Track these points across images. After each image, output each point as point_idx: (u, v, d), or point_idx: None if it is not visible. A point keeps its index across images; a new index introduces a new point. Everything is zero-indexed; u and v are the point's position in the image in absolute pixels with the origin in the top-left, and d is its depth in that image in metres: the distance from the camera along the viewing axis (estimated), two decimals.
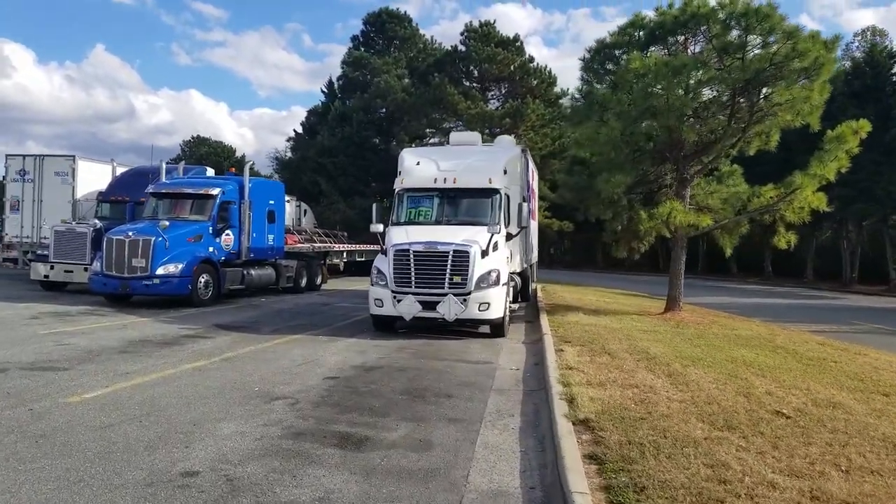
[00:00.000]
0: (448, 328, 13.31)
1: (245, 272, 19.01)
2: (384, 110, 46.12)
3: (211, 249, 17.63)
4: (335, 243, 29.82)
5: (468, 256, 12.19)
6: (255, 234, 19.37)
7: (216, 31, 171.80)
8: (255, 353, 10.24)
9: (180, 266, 16.39)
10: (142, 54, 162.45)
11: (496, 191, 13.74)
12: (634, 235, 18.49)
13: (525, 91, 39.01)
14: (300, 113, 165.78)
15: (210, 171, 23.04)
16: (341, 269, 29.18)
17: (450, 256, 12.21)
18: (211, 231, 17.71)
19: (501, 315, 12.67)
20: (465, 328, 13.22)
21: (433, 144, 39.06)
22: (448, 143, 16.51)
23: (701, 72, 14.32)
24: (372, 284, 12.80)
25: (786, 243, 17.22)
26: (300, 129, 53.95)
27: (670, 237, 19.16)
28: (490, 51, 38.47)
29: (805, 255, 48.85)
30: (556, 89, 40.90)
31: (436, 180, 13.79)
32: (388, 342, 11.81)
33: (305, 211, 35.40)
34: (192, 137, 77.61)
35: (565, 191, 16.95)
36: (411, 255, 12.31)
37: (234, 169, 21.63)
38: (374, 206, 14.30)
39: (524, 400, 7.70)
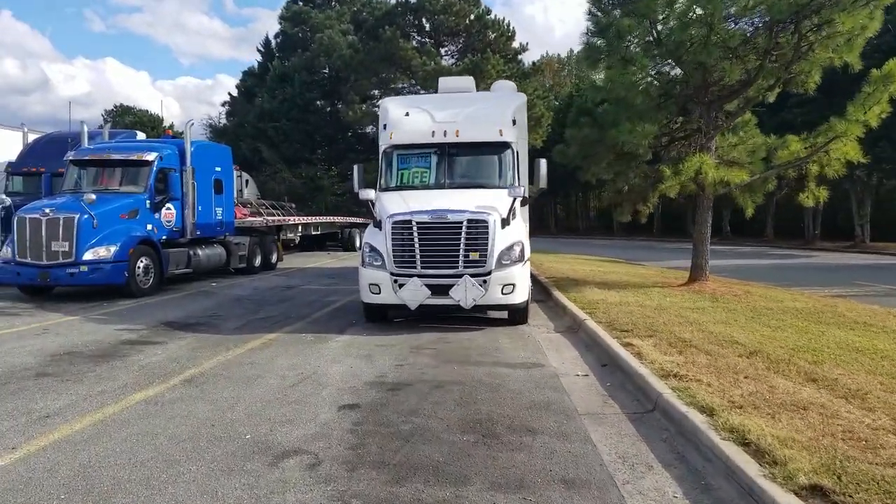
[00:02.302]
0: (452, 315, 10.92)
1: (191, 252, 16.08)
2: (327, 70, 42.67)
3: (150, 227, 14.65)
4: (286, 216, 26.87)
5: (487, 227, 9.71)
6: (200, 208, 16.40)
7: None
8: (228, 367, 7.57)
9: (113, 249, 13.39)
10: (53, 21, 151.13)
11: (507, 145, 11.26)
12: (640, 196, 16.34)
13: (483, 45, 36.30)
14: (227, 81, 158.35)
15: (141, 136, 19.77)
16: (295, 243, 26.28)
17: (464, 228, 9.69)
18: (148, 205, 14.70)
19: (526, 298, 10.31)
20: (472, 314, 10.81)
21: None
22: (437, 91, 13.77)
23: None
24: (363, 265, 10.19)
25: (814, 200, 15.37)
26: (235, 93, 49.86)
27: (674, 198, 17.26)
28: (445, 0, 35.48)
29: (764, 214, 48.37)
30: (515, 44, 38.34)
31: (433, 134, 11.18)
32: (393, 338, 9.28)
33: (247, 181, 32.00)
34: (115, 106, 71.69)
35: (572, 144, 14.52)
36: (415, 228, 9.74)
37: (170, 131, 18.45)
38: (356, 168, 11.60)
39: (642, 433, 5.33)
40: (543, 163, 11.17)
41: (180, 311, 12.05)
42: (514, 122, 11.53)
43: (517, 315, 10.44)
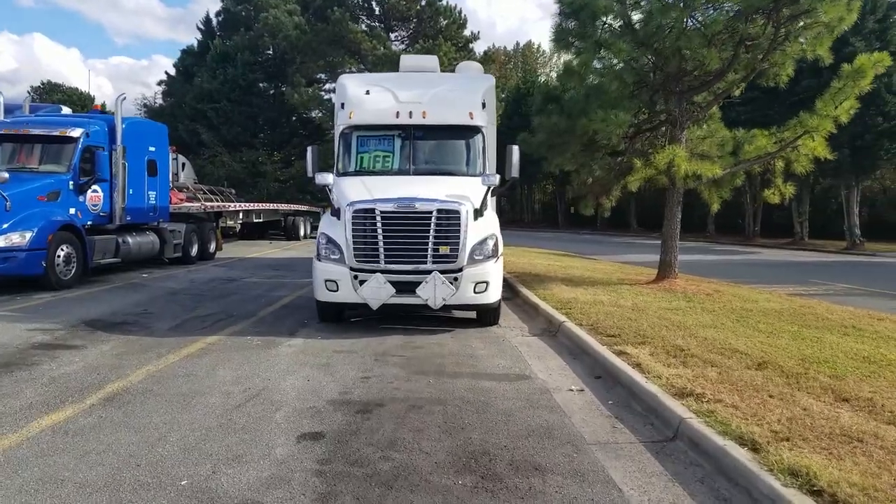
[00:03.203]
0: (415, 314, 9.91)
1: (120, 240, 14.56)
2: (272, 51, 40.82)
3: (73, 211, 13.10)
4: (226, 202, 25.29)
5: (459, 218, 8.71)
6: (131, 191, 14.89)
7: None
8: (159, 381, 6.35)
9: (29, 235, 11.84)
10: None
11: (477, 129, 10.31)
12: (604, 189, 15.62)
13: (434, 32, 35.19)
14: (163, 62, 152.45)
15: (66, 111, 17.96)
16: (236, 231, 24.75)
17: (433, 218, 8.67)
18: (72, 186, 13.15)
19: (499, 297, 9.38)
20: (437, 313, 9.76)
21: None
22: (399, 69, 12.64)
23: None
24: (319, 259, 9.05)
25: (780, 197, 14.97)
26: (172, 72, 47.31)
27: (634, 191, 16.75)
28: None
29: (705, 209, 49.01)
30: (466, 32, 37.34)
31: (398, 114, 10.11)
32: (353, 343, 8.20)
33: (184, 164, 30.12)
34: (43, 83, 67.60)
35: (539, 132, 13.63)
36: (378, 218, 8.66)
37: (99, 107, 16.76)
38: (310, 150, 10.39)
39: (672, 471, 4.43)
40: (516, 150, 10.20)
41: (105, 307, 10.65)
42: (483, 105, 10.58)
43: (489, 316, 9.51)
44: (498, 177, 9.43)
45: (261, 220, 26.87)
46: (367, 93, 10.56)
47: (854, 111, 13.39)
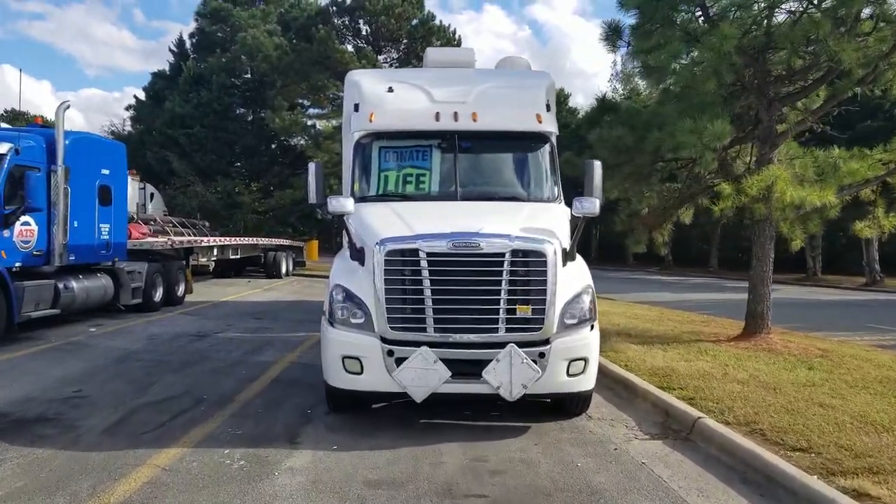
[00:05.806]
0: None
1: (60, 285, 11.42)
2: (250, 73, 38.08)
3: None
4: (198, 235, 22.19)
5: (545, 262, 5.79)
6: (76, 223, 11.84)
7: (33, 1, 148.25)
8: None
9: None
10: None
11: (546, 138, 7.53)
12: (658, 221, 12.91)
13: None
14: (135, 94, 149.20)
15: (4, 125, 14.91)
16: (210, 269, 21.60)
17: (506, 263, 5.75)
18: None
19: (595, 379, 6.46)
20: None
21: (329, 104, 32.12)
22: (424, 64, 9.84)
23: None
24: (332, 323, 6.04)
25: (877, 231, 12.44)
26: (142, 96, 44.23)
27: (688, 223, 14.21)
28: (386, 0, 31.64)
29: (708, 243, 47.27)
30: None
31: (437, 117, 7.25)
32: (388, 459, 5.19)
33: (152, 195, 26.87)
34: (6, 111, 64.14)
35: (600, 149, 10.85)
36: (424, 262, 5.71)
37: (40, 119, 13.76)
38: (312, 167, 7.40)
39: None
40: (598, 166, 7.33)
41: (22, 385, 7.52)
42: (547, 107, 7.80)
43: (578, 405, 6.56)
44: (596, 202, 6.50)
45: (237, 257, 23.73)
46: (390, 90, 7.71)
47: None
